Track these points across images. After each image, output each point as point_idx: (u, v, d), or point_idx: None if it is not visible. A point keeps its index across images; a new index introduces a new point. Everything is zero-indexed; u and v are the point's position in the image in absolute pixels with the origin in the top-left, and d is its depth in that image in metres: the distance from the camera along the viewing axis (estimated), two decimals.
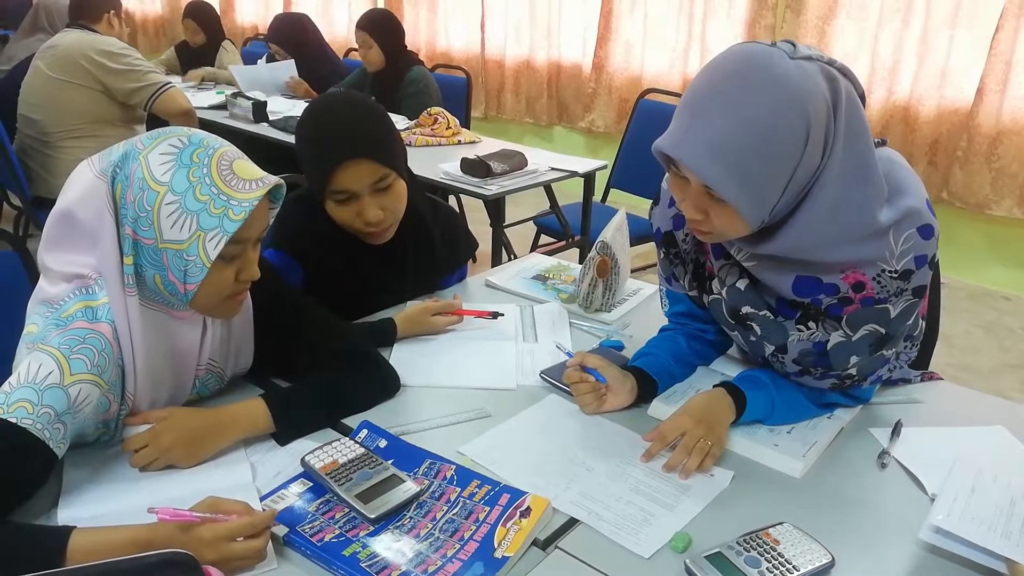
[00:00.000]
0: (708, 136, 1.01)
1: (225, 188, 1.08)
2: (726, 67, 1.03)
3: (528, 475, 1.17)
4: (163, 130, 1.12)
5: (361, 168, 1.47)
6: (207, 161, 1.08)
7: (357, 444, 1.18)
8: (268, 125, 3.66)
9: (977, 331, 3.62)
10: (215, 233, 1.07)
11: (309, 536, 1.02)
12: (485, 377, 1.45)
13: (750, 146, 1.00)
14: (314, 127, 1.53)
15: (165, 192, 1.06)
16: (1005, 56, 3.69)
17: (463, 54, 5.83)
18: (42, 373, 1.01)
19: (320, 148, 1.50)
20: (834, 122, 1.04)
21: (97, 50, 3.16)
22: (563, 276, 1.93)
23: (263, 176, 1.13)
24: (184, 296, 1.11)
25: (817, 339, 1.20)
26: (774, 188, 1.04)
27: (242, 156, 1.14)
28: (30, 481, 1.02)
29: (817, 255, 1.11)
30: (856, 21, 4.12)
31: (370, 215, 1.50)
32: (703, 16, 4.65)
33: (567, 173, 3.10)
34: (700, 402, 1.26)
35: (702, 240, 1.20)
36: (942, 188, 4.01)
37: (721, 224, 1.09)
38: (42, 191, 3.30)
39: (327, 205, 1.53)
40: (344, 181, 1.48)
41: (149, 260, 1.09)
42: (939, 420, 1.35)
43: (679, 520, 1.08)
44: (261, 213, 1.14)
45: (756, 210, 1.05)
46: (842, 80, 1.05)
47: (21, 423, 0.97)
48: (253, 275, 1.17)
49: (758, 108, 0.99)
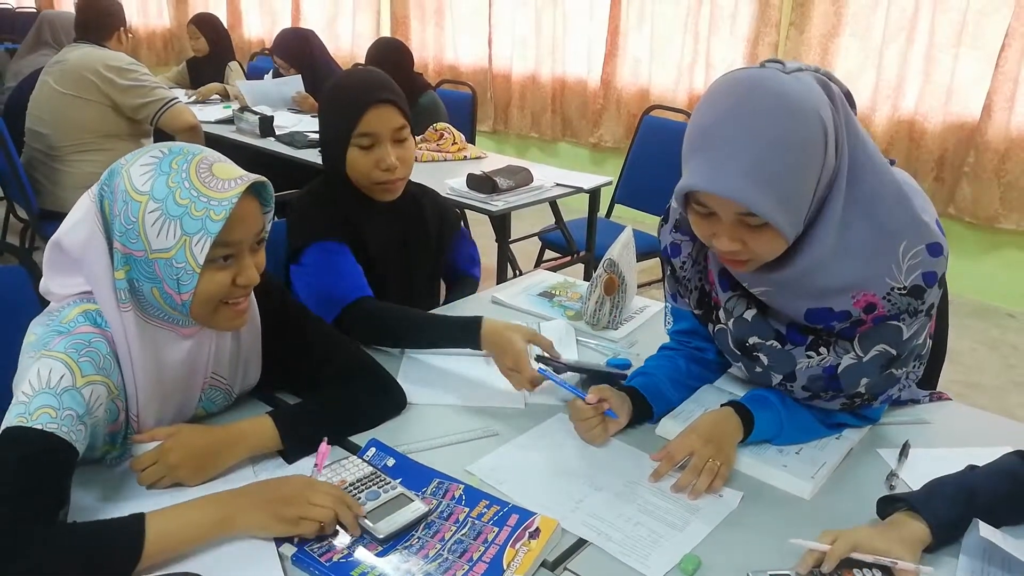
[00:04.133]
0: (738, 165, 1.02)
1: (204, 189, 1.07)
2: (729, 98, 1.04)
3: (536, 495, 1.16)
4: (150, 145, 1.13)
5: (386, 112, 1.62)
6: (185, 166, 1.08)
7: (365, 463, 1.18)
8: (275, 140, 3.68)
9: (982, 348, 3.61)
10: (200, 236, 1.06)
11: (318, 556, 1.01)
12: (492, 396, 1.45)
13: (781, 164, 1.02)
14: (346, 82, 1.70)
15: (147, 200, 1.06)
16: (1012, 74, 3.71)
17: (470, 68, 5.86)
18: (55, 378, 1.01)
19: (350, 94, 1.65)
20: (841, 124, 1.07)
21: (105, 65, 3.19)
22: (569, 293, 1.94)
23: (242, 175, 1.11)
24: (182, 307, 1.11)
25: (828, 364, 1.20)
26: (806, 197, 1.06)
27: (223, 159, 1.13)
28: (67, 483, 1.02)
29: (831, 271, 1.11)
30: (860, 39, 4.14)
31: (390, 160, 1.63)
32: (707, 34, 4.69)
33: (572, 189, 3.11)
34: (708, 421, 1.26)
35: (736, 272, 1.18)
36: (948, 203, 4.03)
37: (759, 248, 1.09)
38: (50, 204, 3.32)
39: (349, 155, 1.64)
40: (371, 123, 1.61)
41: (144, 273, 1.09)
42: (947, 441, 1.35)
43: (688, 542, 1.08)
44: (249, 214, 1.12)
45: (794, 223, 1.06)
46: (833, 85, 1.08)
47: (47, 428, 0.98)
48: (251, 280, 1.15)
49: (777, 127, 1.01)
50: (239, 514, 1.03)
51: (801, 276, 1.13)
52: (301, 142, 3.56)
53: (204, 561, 1.00)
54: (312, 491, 1.06)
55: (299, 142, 3.56)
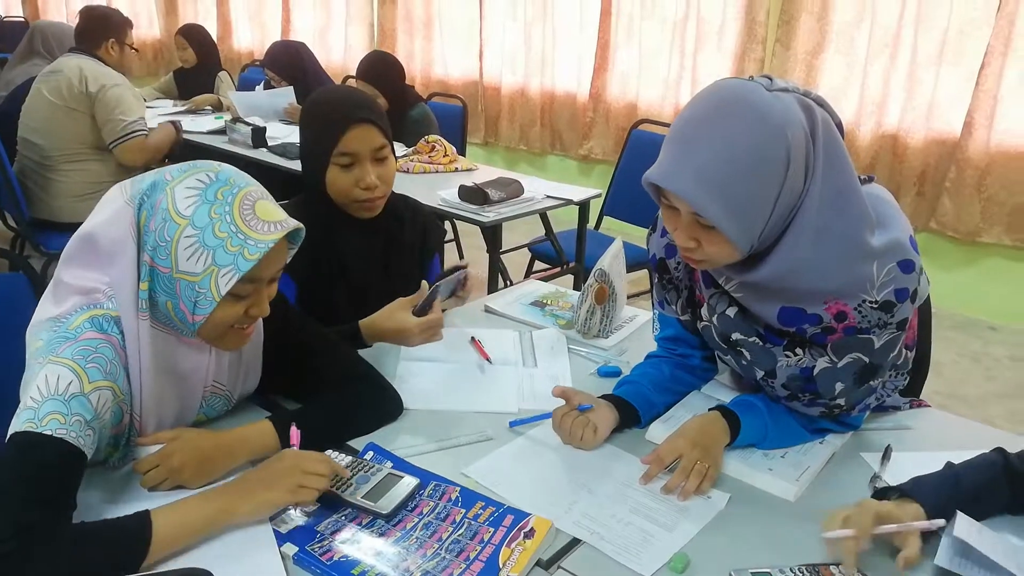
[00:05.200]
0: (695, 165, 1.06)
1: (243, 227, 1.10)
2: (708, 101, 1.09)
3: (531, 497, 1.20)
4: (194, 163, 1.15)
5: (367, 132, 1.63)
6: (230, 199, 1.11)
7: (341, 454, 1.23)
8: (267, 150, 3.71)
9: (964, 360, 3.67)
10: (228, 270, 1.10)
11: (319, 555, 1.04)
12: (486, 401, 1.49)
13: (734, 173, 1.05)
14: (326, 99, 1.71)
15: (186, 225, 1.09)
16: (992, 91, 3.79)
17: (460, 82, 5.91)
18: (63, 384, 1.03)
19: (332, 113, 1.65)
20: (813, 148, 1.09)
21: (92, 79, 3.21)
22: (560, 302, 1.97)
23: (283, 219, 1.15)
24: (191, 325, 1.14)
25: (804, 365, 1.24)
26: (760, 213, 1.09)
27: (266, 196, 1.16)
28: (77, 488, 1.04)
29: (802, 282, 1.15)
30: (844, 56, 4.22)
31: (369, 179, 1.64)
32: (694, 49, 4.75)
33: (562, 201, 3.15)
34: (696, 425, 1.30)
35: (694, 268, 1.23)
36: (930, 217, 4.10)
37: (712, 251, 1.14)
38: (42, 213, 3.33)
39: (329, 173, 1.64)
40: (351, 142, 1.62)
41: (163, 287, 1.12)
42: (927, 446, 1.39)
43: (678, 541, 1.11)
44: (278, 254, 1.16)
45: (744, 235, 1.09)
46: (818, 109, 1.11)
47: (56, 434, 1.00)
48: (262, 312, 1.20)
49: (740, 136, 1.05)
50: (239, 500, 1.08)
51: (769, 282, 1.16)
52: (294, 153, 3.59)
53: (209, 563, 1.02)
54: (303, 460, 1.14)
55: (292, 153, 3.58)
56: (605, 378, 1.59)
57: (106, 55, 3.44)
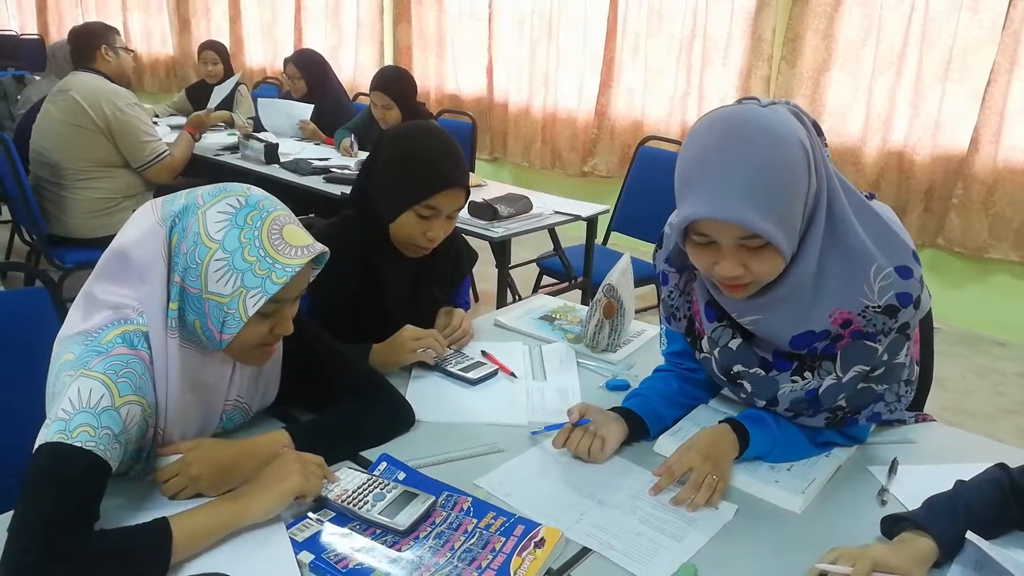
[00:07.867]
0: (737, 191, 1.09)
1: (272, 251, 1.14)
2: (714, 134, 1.13)
3: (542, 507, 1.22)
4: (225, 186, 1.19)
5: (458, 196, 1.67)
6: (259, 224, 1.15)
7: (356, 471, 1.25)
8: (279, 167, 3.75)
9: (971, 376, 3.68)
10: (256, 292, 1.13)
11: (334, 563, 1.06)
12: (497, 413, 1.51)
13: (774, 186, 1.10)
14: (429, 146, 1.65)
15: (216, 249, 1.13)
16: (998, 108, 3.82)
17: (470, 98, 5.96)
18: (94, 397, 1.06)
19: (433, 167, 1.63)
20: (816, 148, 1.16)
21: (104, 100, 3.25)
22: (569, 317, 2.00)
23: (310, 243, 1.19)
24: (219, 343, 1.18)
25: (810, 387, 1.27)
26: (798, 216, 1.14)
27: (293, 221, 1.20)
28: (100, 499, 1.07)
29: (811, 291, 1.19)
30: (850, 73, 4.25)
31: (440, 234, 1.68)
32: (700, 67, 4.79)
33: (571, 217, 3.18)
34: (705, 438, 1.32)
35: (739, 296, 1.23)
36: (937, 234, 4.11)
37: (761, 270, 1.17)
38: (55, 230, 3.37)
39: (403, 217, 1.64)
40: (443, 201, 1.64)
41: (192, 307, 1.15)
42: (933, 460, 1.40)
43: (686, 551, 1.13)
44: (302, 277, 1.20)
45: (791, 241, 1.15)
46: (803, 116, 1.17)
47: (86, 447, 1.03)
48: (286, 331, 1.24)
49: (765, 154, 1.09)
50: (252, 501, 1.12)
51: (788, 296, 1.20)
52: (305, 169, 3.64)
53: (227, 571, 1.04)
54: (302, 454, 1.21)
55: (303, 169, 3.63)
56: (614, 392, 1.61)
57: (104, 64, 3.44)
